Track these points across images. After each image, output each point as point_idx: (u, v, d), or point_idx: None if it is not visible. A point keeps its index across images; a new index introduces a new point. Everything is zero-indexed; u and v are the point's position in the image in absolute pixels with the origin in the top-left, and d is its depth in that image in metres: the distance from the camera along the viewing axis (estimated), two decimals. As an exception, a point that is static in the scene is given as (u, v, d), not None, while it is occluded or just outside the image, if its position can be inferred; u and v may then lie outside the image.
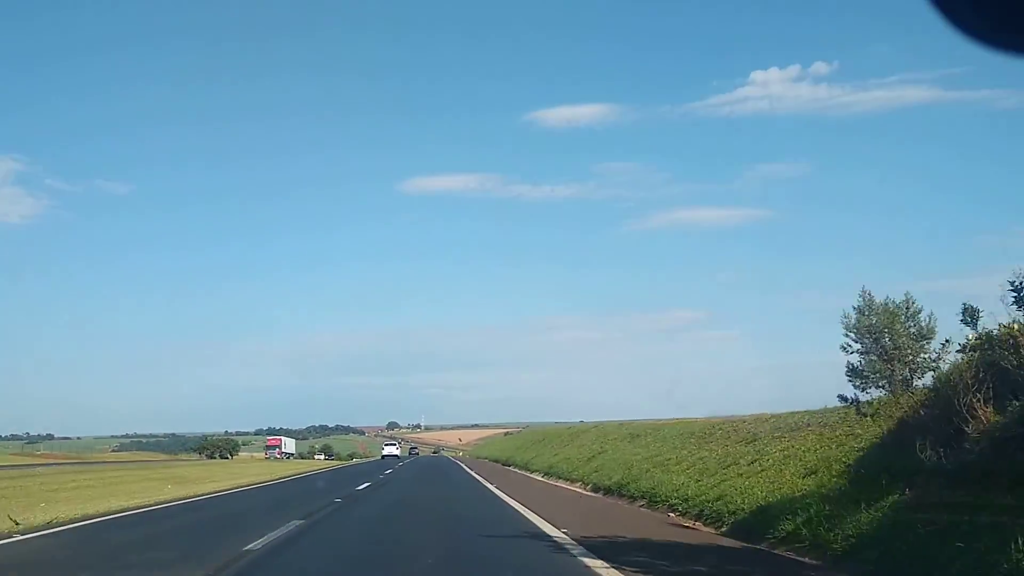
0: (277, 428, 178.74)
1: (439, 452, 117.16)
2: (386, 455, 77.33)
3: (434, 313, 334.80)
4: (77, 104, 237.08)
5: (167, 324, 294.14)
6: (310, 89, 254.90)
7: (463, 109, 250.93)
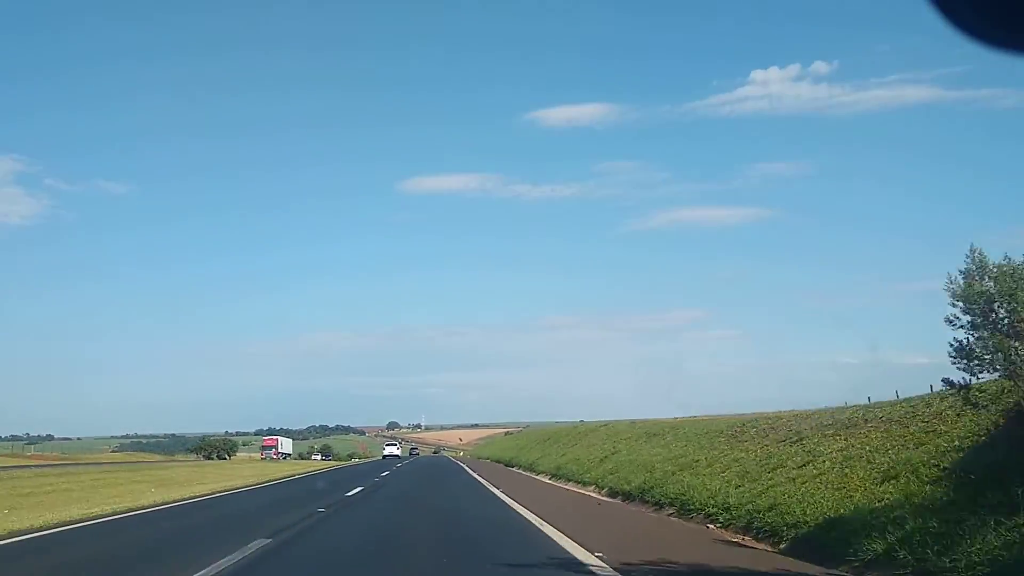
0: (278, 428, 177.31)
1: (439, 452, 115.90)
2: (387, 455, 78.50)
3: (434, 313, 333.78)
4: (84, 114, 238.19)
5: (167, 324, 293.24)
6: (313, 95, 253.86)
7: (464, 109, 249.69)
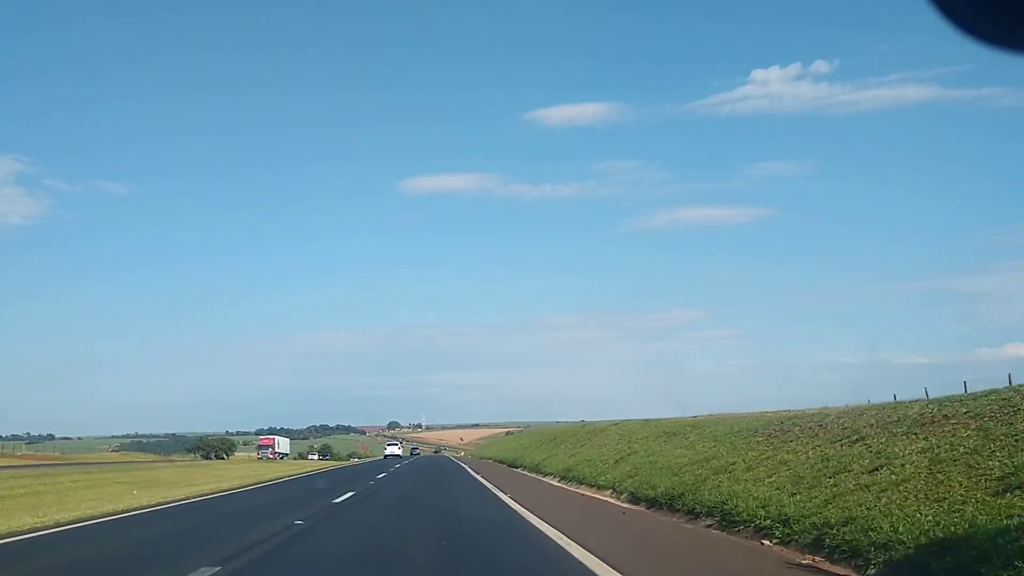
0: (278, 428, 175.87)
1: (440, 452, 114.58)
2: (388, 455, 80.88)
3: (434, 313, 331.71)
4: (84, 114, 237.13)
5: (168, 324, 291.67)
6: (313, 95, 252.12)
7: (464, 109, 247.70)
